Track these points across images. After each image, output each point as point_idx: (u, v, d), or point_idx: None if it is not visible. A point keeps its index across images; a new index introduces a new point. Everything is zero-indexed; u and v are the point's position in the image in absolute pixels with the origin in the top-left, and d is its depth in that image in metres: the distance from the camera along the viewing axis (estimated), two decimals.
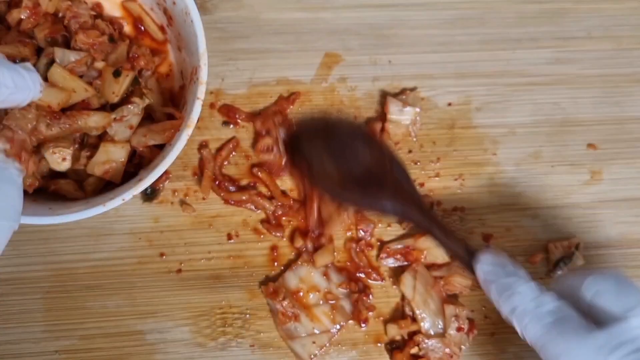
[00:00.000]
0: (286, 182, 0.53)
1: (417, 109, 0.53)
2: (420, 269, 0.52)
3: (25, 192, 0.46)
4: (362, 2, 0.56)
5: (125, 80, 0.47)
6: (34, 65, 0.47)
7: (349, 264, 0.53)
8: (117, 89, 0.47)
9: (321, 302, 0.51)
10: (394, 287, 0.53)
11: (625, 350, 0.35)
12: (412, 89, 0.55)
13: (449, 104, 0.56)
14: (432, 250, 0.52)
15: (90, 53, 0.47)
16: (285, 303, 0.51)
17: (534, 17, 0.58)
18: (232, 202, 0.52)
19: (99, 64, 0.47)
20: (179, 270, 0.52)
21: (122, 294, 0.51)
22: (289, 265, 0.52)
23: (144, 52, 0.50)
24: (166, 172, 0.52)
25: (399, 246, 0.53)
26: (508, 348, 0.53)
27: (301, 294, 0.51)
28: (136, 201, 0.52)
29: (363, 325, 0.52)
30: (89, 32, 0.47)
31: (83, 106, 0.47)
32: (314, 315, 0.51)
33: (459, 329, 0.51)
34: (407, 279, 0.52)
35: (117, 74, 0.47)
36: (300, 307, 0.51)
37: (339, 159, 0.48)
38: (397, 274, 0.53)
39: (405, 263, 0.53)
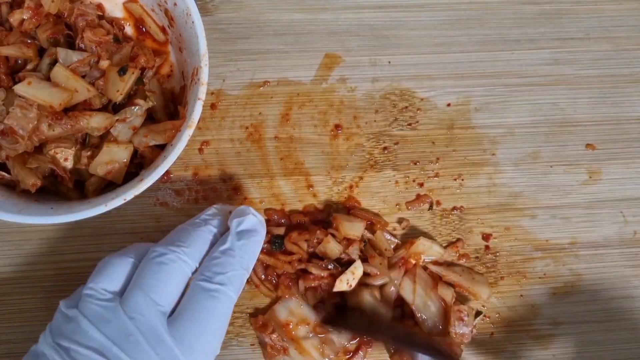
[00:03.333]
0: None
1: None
2: (419, 271, 0.52)
3: (28, 192, 0.47)
4: (362, 4, 0.57)
5: (130, 78, 0.47)
6: (36, 65, 0.47)
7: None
8: (121, 87, 0.47)
9: (310, 335, 0.51)
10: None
11: None
12: None
13: (448, 105, 0.56)
14: (429, 252, 0.53)
15: (97, 52, 0.47)
16: (274, 336, 0.50)
17: (533, 18, 0.58)
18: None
19: (104, 63, 0.47)
20: None
21: None
22: (278, 298, 0.52)
23: (145, 52, 0.50)
24: (167, 172, 0.52)
25: (395, 260, 0.53)
26: (506, 347, 0.53)
27: (290, 326, 0.50)
28: (137, 201, 0.52)
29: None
30: (96, 30, 0.48)
31: (85, 106, 0.47)
32: (303, 349, 0.50)
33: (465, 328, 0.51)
34: (406, 283, 0.52)
35: (123, 71, 0.47)
36: (289, 340, 0.50)
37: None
38: None
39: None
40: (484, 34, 0.58)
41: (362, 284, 0.51)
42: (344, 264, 0.51)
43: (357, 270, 0.50)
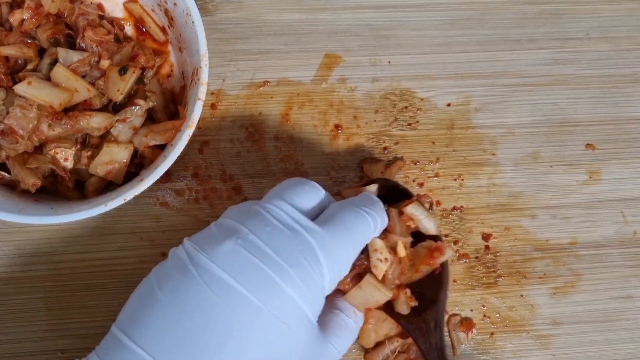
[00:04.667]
0: None
1: None
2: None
3: (28, 192, 0.47)
4: (362, 4, 0.57)
5: (131, 78, 0.47)
6: (36, 65, 0.47)
7: None
8: (122, 86, 0.47)
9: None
10: None
11: None
12: None
13: (448, 105, 0.56)
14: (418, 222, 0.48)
15: (99, 51, 0.47)
16: None
17: (533, 18, 0.58)
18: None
19: (105, 63, 0.47)
20: None
21: (123, 293, 0.51)
22: None
23: (145, 51, 0.50)
24: (167, 173, 0.52)
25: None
26: (507, 347, 0.53)
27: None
28: (137, 201, 0.52)
29: None
30: (96, 30, 0.48)
31: (85, 106, 0.47)
32: None
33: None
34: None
35: (123, 70, 0.47)
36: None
37: None
38: None
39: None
40: (484, 34, 0.58)
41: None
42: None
43: (377, 245, 0.45)
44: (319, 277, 0.38)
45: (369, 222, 0.41)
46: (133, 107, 0.47)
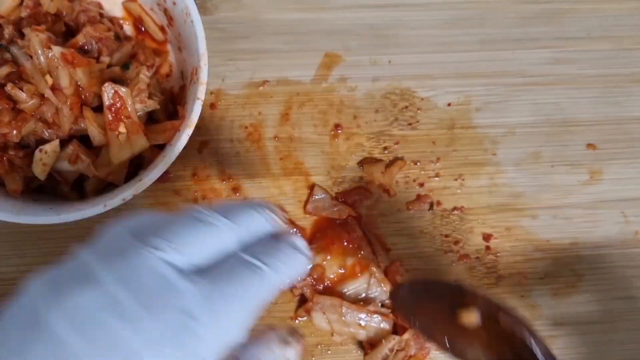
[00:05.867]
0: None
1: None
2: (321, 299, 0.50)
3: (26, 193, 0.47)
4: (362, 3, 0.57)
5: (134, 73, 0.47)
6: None
7: None
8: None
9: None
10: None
11: None
12: None
13: (449, 104, 0.56)
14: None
15: (98, 47, 0.47)
16: None
17: (534, 17, 0.58)
18: None
19: (104, 59, 0.47)
20: None
21: None
22: None
23: (145, 51, 0.50)
24: (166, 172, 0.52)
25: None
26: None
27: None
28: (136, 201, 0.52)
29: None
30: (96, 26, 0.47)
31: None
32: None
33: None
34: (316, 317, 0.50)
35: (126, 67, 0.47)
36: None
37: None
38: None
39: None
40: (485, 33, 0.57)
41: None
42: None
43: None
44: (196, 343, 0.29)
45: (269, 278, 0.32)
46: None
